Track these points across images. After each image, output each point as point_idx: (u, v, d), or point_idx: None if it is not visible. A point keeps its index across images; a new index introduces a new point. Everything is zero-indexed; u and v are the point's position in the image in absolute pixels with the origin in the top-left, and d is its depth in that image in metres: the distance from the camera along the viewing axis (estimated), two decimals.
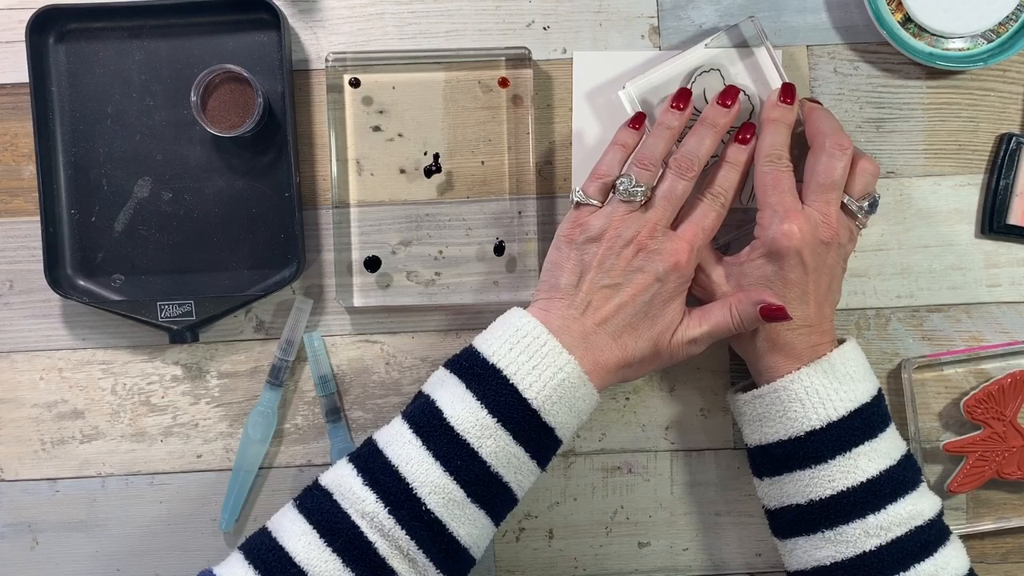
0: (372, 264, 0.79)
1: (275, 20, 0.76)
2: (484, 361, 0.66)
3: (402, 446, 0.65)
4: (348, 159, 0.78)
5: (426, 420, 0.65)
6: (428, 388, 0.67)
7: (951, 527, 0.79)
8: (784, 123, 0.71)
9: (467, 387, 0.65)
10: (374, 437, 0.67)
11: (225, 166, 0.77)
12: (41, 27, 0.76)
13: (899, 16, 0.77)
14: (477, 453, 0.64)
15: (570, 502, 0.81)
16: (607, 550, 0.81)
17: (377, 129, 0.78)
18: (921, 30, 0.77)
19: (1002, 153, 0.78)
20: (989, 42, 0.77)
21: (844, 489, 0.67)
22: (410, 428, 0.65)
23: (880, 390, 0.70)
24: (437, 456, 0.64)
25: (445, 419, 0.65)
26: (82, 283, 0.78)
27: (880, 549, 0.67)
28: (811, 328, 0.69)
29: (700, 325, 0.70)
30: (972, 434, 0.78)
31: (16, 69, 0.77)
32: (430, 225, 0.79)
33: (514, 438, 0.65)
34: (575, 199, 0.70)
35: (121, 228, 0.78)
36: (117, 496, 0.80)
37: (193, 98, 0.74)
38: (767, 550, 0.81)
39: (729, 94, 0.71)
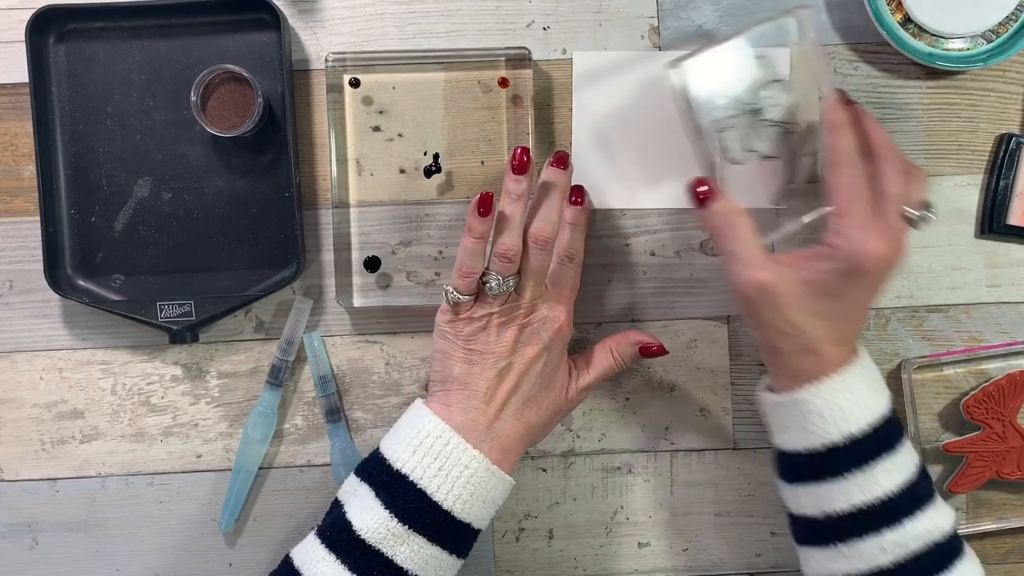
0: (372, 264, 0.79)
1: (275, 20, 0.76)
2: (390, 467, 0.66)
3: (316, 564, 0.65)
4: (348, 159, 0.78)
5: (337, 534, 0.65)
6: (342, 496, 0.68)
7: None
8: (848, 126, 0.67)
9: (376, 495, 0.66)
10: (290, 555, 0.67)
11: (225, 166, 0.77)
12: (41, 27, 0.76)
13: (899, 16, 0.77)
14: (392, 561, 0.64)
15: (570, 502, 0.81)
16: (607, 550, 0.81)
17: (377, 129, 0.78)
18: (921, 30, 0.77)
19: (1002, 153, 0.78)
20: (989, 42, 0.77)
21: (861, 504, 0.65)
22: (323, 544, 0.65)
23: (891, 398, 0.69)
24: (353, 569, 0.64)
25: (355, 531, 0.65)
26: (82, 283, 0.78)
27: (896, 565, 0.65)
28: (842, 342, 0.67)
29: (589, 373, 0.74)
30: (972, 434, 0.78)
31: (16, 69, 0.77)
32: (430, 225, 0.79)
33: (429, 540, 0.65)
34: (449, 300, 0.69)
35: (121, 228, 0.78)
36: (117, 496, 0.80)
37: (193, 98, 0.74)
38: (767, 550, 0.81)
39: (561, 159, 0.71)
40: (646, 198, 0.78)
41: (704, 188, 0.67)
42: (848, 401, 0.66)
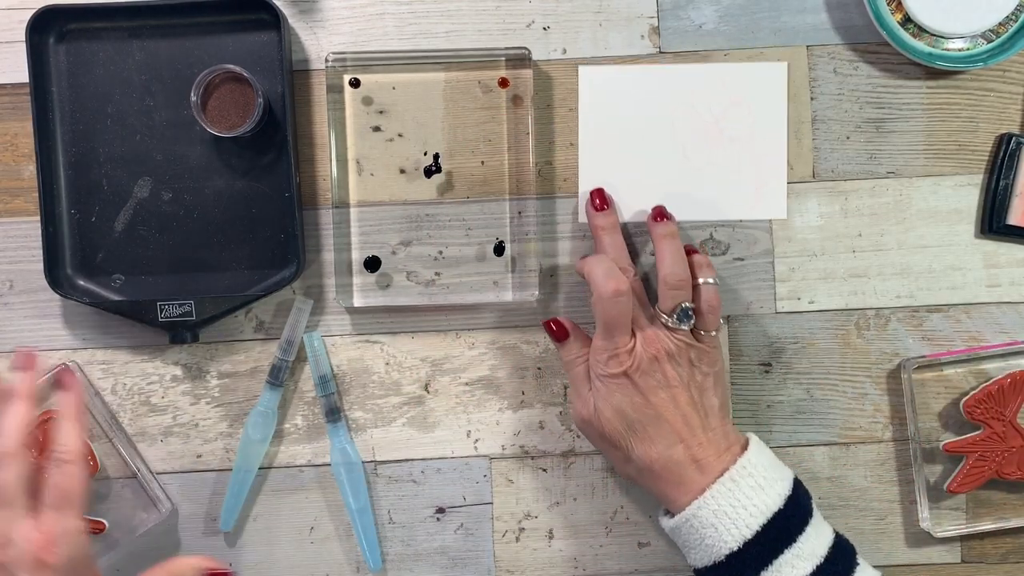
0: (372, 264, 0.79)
1: (275, 20, 0.76)
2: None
3: None
4: (348, 159, 0.78)
5: None
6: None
7: (950, 528, 0.80)
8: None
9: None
10: None
11: (225, 166, 0.77)
12: (41, 27, 0.76)
13: (899, 16, 0.77)
14: None
15: (570, 502, 0.80)
16: (607, 550, 0.81)
17: (377, 129, 0.78)
18: (921, 30, 0.77)
19: (1002, 153, 0.78)
20: (989, 42, 0.77)
21: None
22: None
23: (795, 481, 0.70)
24: None
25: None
26: (82, 283, 0.78)
27: None
28: (685, 445, 0.70)
29: None
30: (972, 434, 0.78)
31: (16, 69, 0.77)
32: (430, 225, 0.79)
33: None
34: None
35: (121, 228, 0.78)
36: (117, 495, 0.80)
37: (193, 98, 0.74)
38: None
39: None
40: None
41: (556, 327, 0.76)
42: (735, 506, 0.66)
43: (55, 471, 0.63)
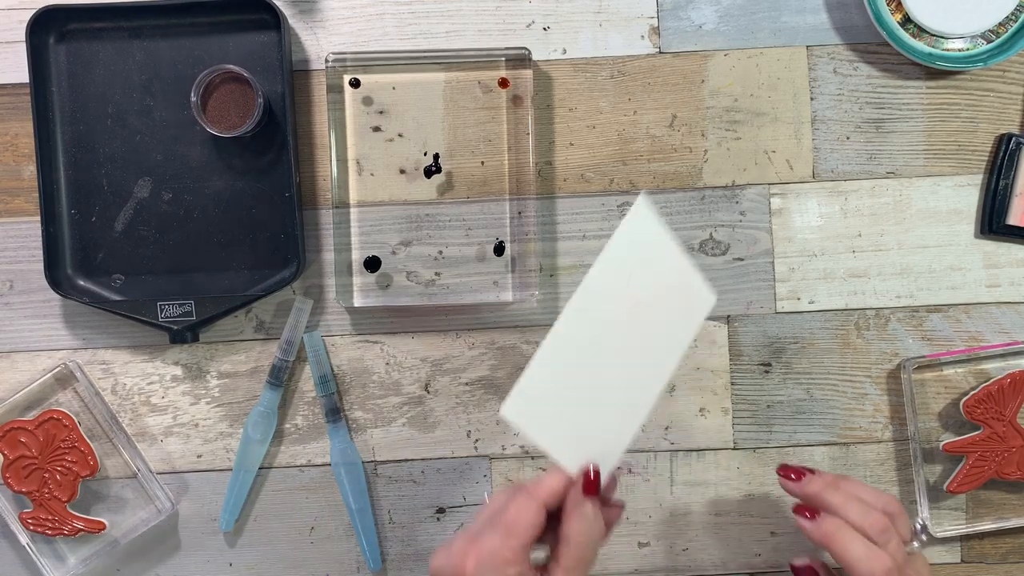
0: (372, 264, 0.79)
1: (275, 20, 0.76)
2: None
3: None
4: (348, 159, 0.78)
5: None
6: None
7: (950, 528, 0.80)
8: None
9: None
10: None
11: (225, 166, 0.77)
12: (41, 27, 0.76)
13: (899, 16, 0.77)
14: None
15: None
16: (607, 550, 0.81)
17: (377, 129, 0.78)
18: (921, 30, 0.77)
19: (1002, 153, 0.78)
20: (989, 42, 0.77)
21: None
22: None
23: None
24: None
25: None
26: (82, 283, 0.78)
27: None
28: None
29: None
30: (972, 434, 0.78)
31: (16, 69, 0.77)
32: (430, 225, 0.79)
33: None
34: None
35: (121, 228, 0.78)
36: (117, 496, 0.80)
37: (193, 98, 0.74)
38: (767, 550, 0.81)
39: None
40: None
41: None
42: None
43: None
